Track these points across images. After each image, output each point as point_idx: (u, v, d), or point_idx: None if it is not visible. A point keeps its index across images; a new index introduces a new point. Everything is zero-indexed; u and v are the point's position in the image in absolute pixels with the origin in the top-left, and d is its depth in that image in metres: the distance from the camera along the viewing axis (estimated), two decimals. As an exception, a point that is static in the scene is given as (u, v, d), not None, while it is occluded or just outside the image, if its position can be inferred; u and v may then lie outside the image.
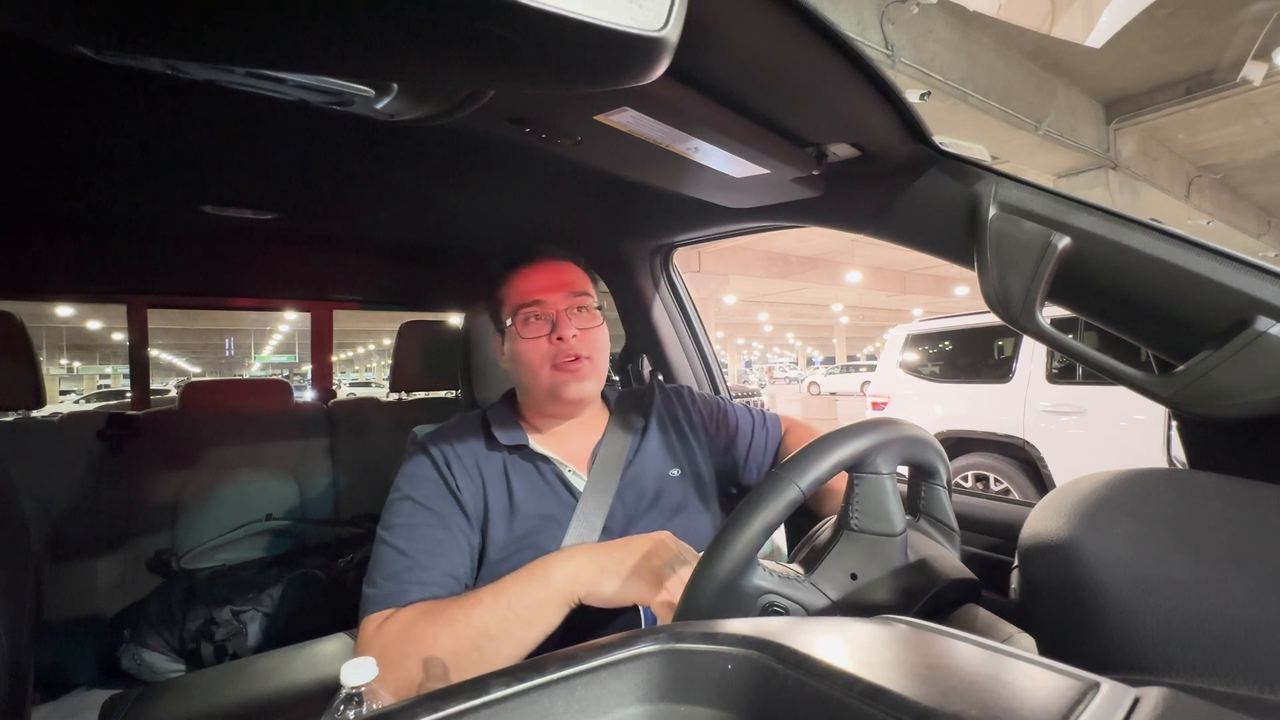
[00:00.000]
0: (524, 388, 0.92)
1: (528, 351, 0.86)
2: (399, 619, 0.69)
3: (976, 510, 0.99)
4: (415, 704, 0.30)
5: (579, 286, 0.90)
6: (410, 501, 0.80)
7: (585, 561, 0.69)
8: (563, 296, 0.87)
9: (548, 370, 0.86)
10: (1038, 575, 0.48)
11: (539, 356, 0.86)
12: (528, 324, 0.87)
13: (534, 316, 0.87)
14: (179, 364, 33.55)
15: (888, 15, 4.78)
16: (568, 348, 0.85)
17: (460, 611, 0.67)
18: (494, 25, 0.31)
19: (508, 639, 0.65)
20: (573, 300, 0.88)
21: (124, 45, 0.37)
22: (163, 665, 1.27)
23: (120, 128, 0.79)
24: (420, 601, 0.71)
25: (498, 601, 0.67)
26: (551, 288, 0.88)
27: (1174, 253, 0.62)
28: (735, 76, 0.61)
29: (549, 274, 0.89)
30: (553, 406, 0.90)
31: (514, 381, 0.95)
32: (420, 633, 0.66)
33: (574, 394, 0.86)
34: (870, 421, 0.61)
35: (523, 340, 0.87)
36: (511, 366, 0.92)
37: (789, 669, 0.33)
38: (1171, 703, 0.28)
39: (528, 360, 0.87)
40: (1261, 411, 0.58)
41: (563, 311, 0.86)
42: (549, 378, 0.86)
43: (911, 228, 0.84)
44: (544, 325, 0.86)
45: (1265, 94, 6.36)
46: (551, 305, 0.87)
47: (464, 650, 0.65)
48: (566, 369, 0.85)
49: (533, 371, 0.87)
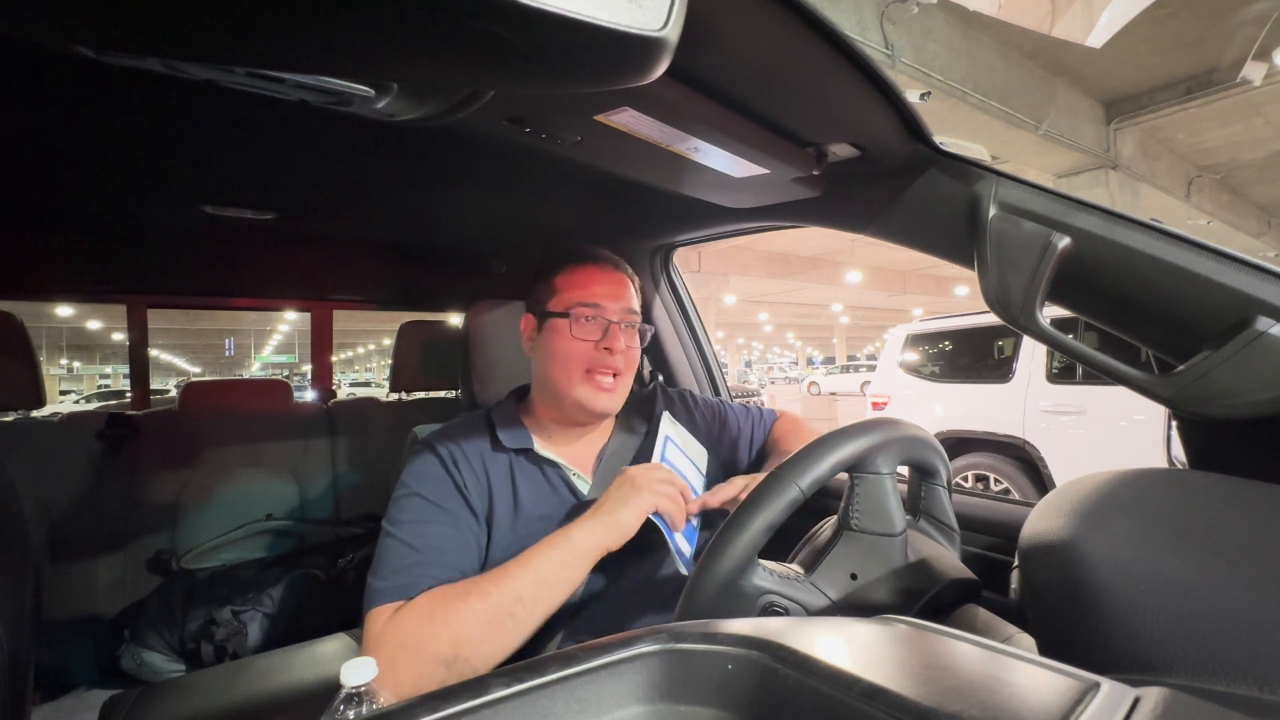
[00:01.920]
0: (547, 383, 0.90)
1: (570, 349, 0.86)
2: (418, 605, 0.70)
3: (976, 510, 0.99)
4: (415, 704, 0.30)
5: (634, 304, 0.91)
6: (419, 498, 0.80)
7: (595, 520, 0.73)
8: (620, 309, 0.88)
9: (581, 374, 0.86)
10: (1038, 575, 0.48)
11: (579, 358, 0.85)
12: (581, 324, 0.86)
13: (588, 318, 0.86)
14: (179, 364, 33.56)
15: (888, 15, 4.78)
16: (611, 360, 0.85)
17: (490, 584, 0.69)
18: (494, 25, 0.31)
19: (540, 603, 0.69)
20: (626, 316, 0.89)
21: (124, 45, 0.37)
22: (163, 665, 1.27)
23: (120, 128, 0.79)
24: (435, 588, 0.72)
25: (526, 571, 0.70)
26: (613, 296, 0.88)
27: (1174, 253, 0.62)
28: (735, 76, 0.61)
29: (613, 283, 0.90)
30: (573, 413, 0.89)
31: (537, 374, 0.92)
32: (449, 611, 0.67)
33: (601, 407, 0.87)
34: (870, 421, 0.61)
35: (571, 338, 0.86)
36: (541, 357, 0.89)
37: (789, 669, 0.33)
38: (1171, 703, 0.28)
39: (566, 356, 0.86)
40: (1261, 411, 0.58)
41: (617, 324, 0.87)
42: (581, 383, 0.86)
43: (911, 228, 0.84)
44: (596, 330, 0.86)
45: (1265, 94, 6.36)
46: (609, 313, 0.87)
47: (499, 618, 0.67)
48: (601, 384, 0.86)
49: (567, 370, 0.86)
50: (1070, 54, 5.79)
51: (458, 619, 0.66)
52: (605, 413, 0.88)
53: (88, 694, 1.23)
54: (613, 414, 0.91)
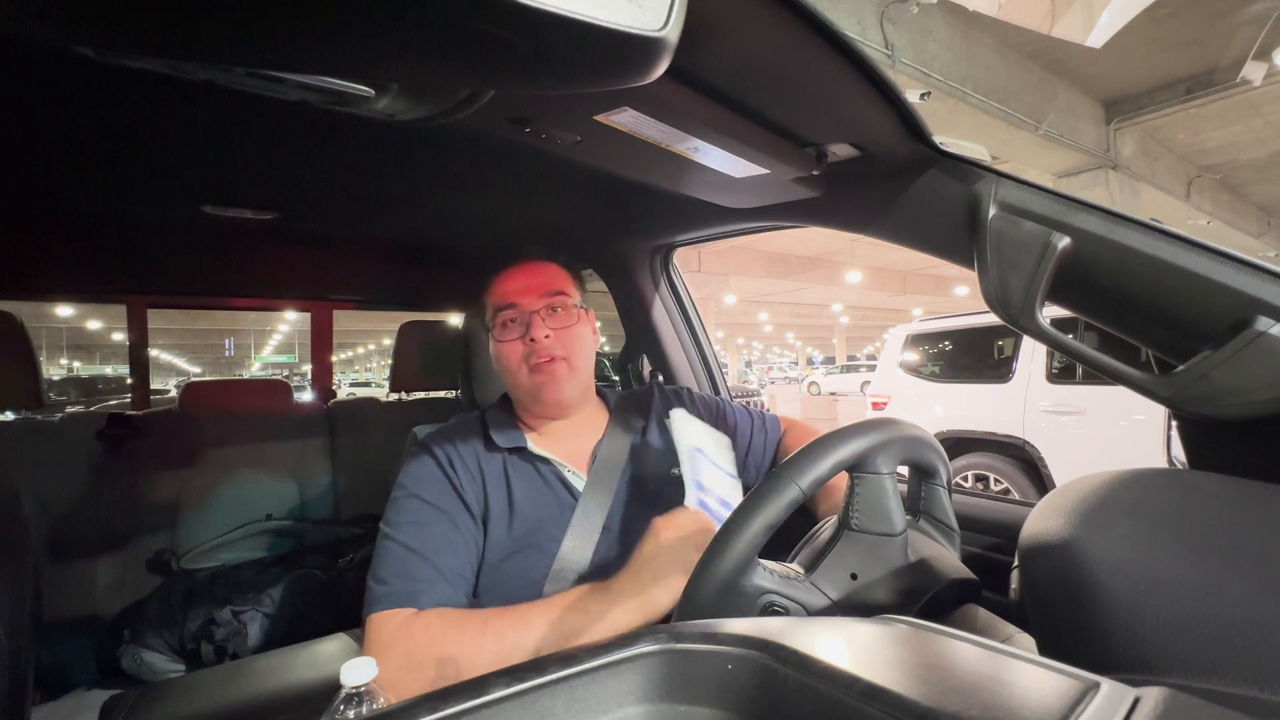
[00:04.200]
0: (509, 390, 0.94)
1: (505, 354, 0.88)
2: (431, 626, 0.69)
3: (976, 510, 0.99)
4: (415, 704, 0.30)
5: (554, 286, 0.90)
6: (417, 500, 0.81)
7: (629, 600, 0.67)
8: (536, 298, 0.88)
9: (526, 372, 0.87)
10: (1038, 575, 0.48)
11: (515, 359, 0.87)
12: (504, 327, 0.88)
13: (509, 319, 0.88)
14: (179, 364, 33.54)
15: (888, 15, 4.77)
16: (540, 348, 0.86)
17: (508, 626, 0.67)
18: (494, 25, 0.31)
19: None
20: (547, 300, 0.88)
21: (124, 45, 0.37)
22: (163, 665, 1.27)
23: (120, 128, 0.79)
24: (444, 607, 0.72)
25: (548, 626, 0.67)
26: (525, 290, 0.89)
27: (1174, 253, 0.62)
28: (735, 76, 0.61)
29: (524, 276, 0.91)
30: (537, 408, 0.91)
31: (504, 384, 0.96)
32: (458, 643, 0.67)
33: (552, 396, 0.87)
34: (870, 421, 0.61)
35: (499, 343, 0.89)
36: (497, 369, 0.93)
37: (789, 669, 0.33)
38: (1171, 703, 0.28)
39: (506, 362, 0.89)
40: (1261, 411, 0.58)
41: (536, 313, 0.87)
42: (528, 380, 0.87)
43: (911, 228, 0.84)
44: (519, 327, 0.88)
45: (1265, 94, 6.35)
46: (525, 306, 0.88)
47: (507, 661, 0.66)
48: (542, 370, 0.86)
49: (512, 374, 0.89)
50: (1070, 54, 5.79)
51: (468, 653, 0.66)
52: (560, 399, 0.88)
53: (88, 694, 1.23)
54: (574, 398, 0.91)
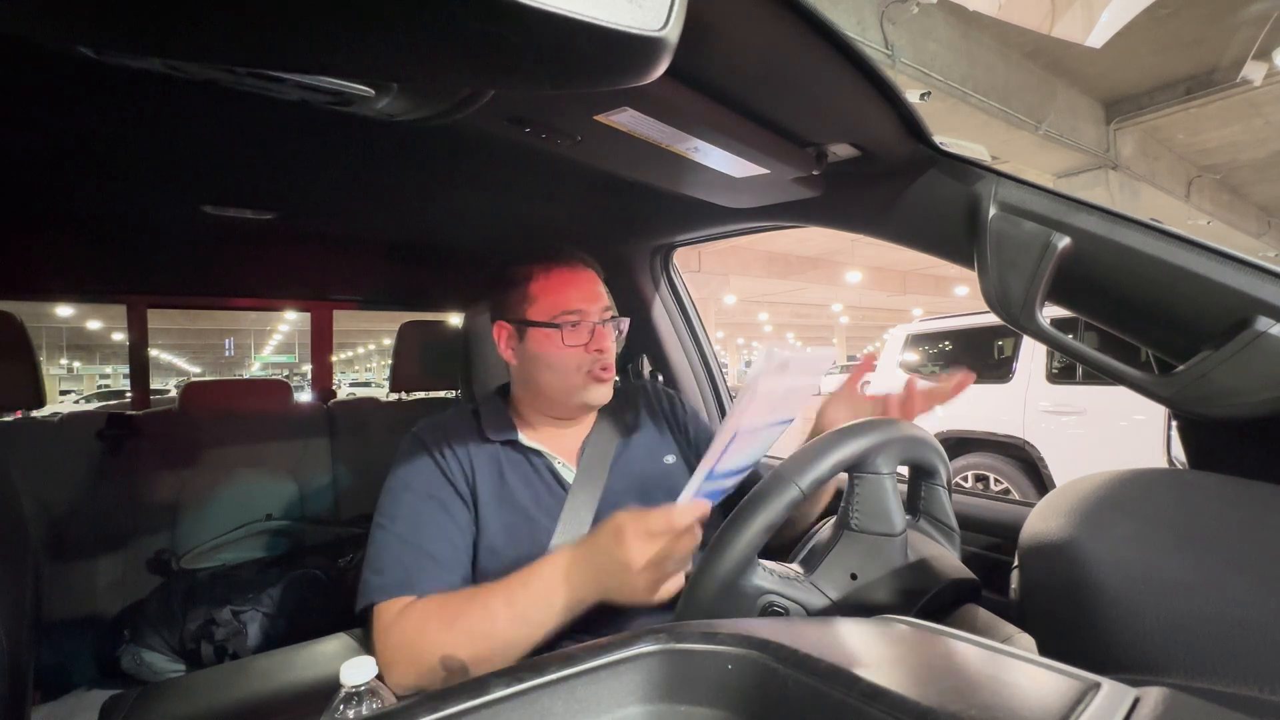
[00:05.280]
0: (540, 388, 0.91)
1: (565, 358, 0.87)
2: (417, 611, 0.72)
3: (976, 510, 0.99)
4: (415, 704, 0.30)
5: (609, 302, 0.94)
6: (410, 491, 0.83)
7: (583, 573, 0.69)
8: (599, 309, 0.90)
9: (582, 377, 0.88)
10: (1038, 575, 0.48)
11: (575, 364, 0.88)
12: (570, 330, 0.87)
13: (574, 324, 0.87)
14: (179, 364, 33.55)
15: (888, 15, 4.77)
16: (605, 359, 0.88)
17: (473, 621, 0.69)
18: (494, 25, 0.31)
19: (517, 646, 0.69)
20: (605, 314, 0.91)
21: (124, 45, 0.38)
22: (163, 665, 1.27)
23: (120, 128, 0.79)
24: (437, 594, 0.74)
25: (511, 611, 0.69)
26: (592, 299, 0.90)
27: (1174, 253, 0.62)
28: (735, 76, 0.61)
29: (588, 284, 0.91)
30: (573, 411, 0.93)
31: (523, 379, 0.93)
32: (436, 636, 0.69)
33: (602, 399, 0.91)
34: (870, 421, 0.61)
35: (564, 347, 0.87)
36: (529, 365, 0.90)
37: (789, 669, 0.33)
38: (1171, 703, 0.28)
39: (562, 365, 0.88)
40: (1261, 411, 0.58)
41: (600, 325, 0.89)
42: (583, 384, 0.89)
43: (911, 228, 0.84)
44: (584, 334, 0.88)
45: (1265, 94, 6.35)
46: (592, 316, 0.89)
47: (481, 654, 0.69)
48: (601, 380, 0.89)
49: (564, 376, 0.88)
50: (1070, 54, 5.79)
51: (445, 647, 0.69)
52: (603, 404, 0.92)
53: (88, 694, 1.23)
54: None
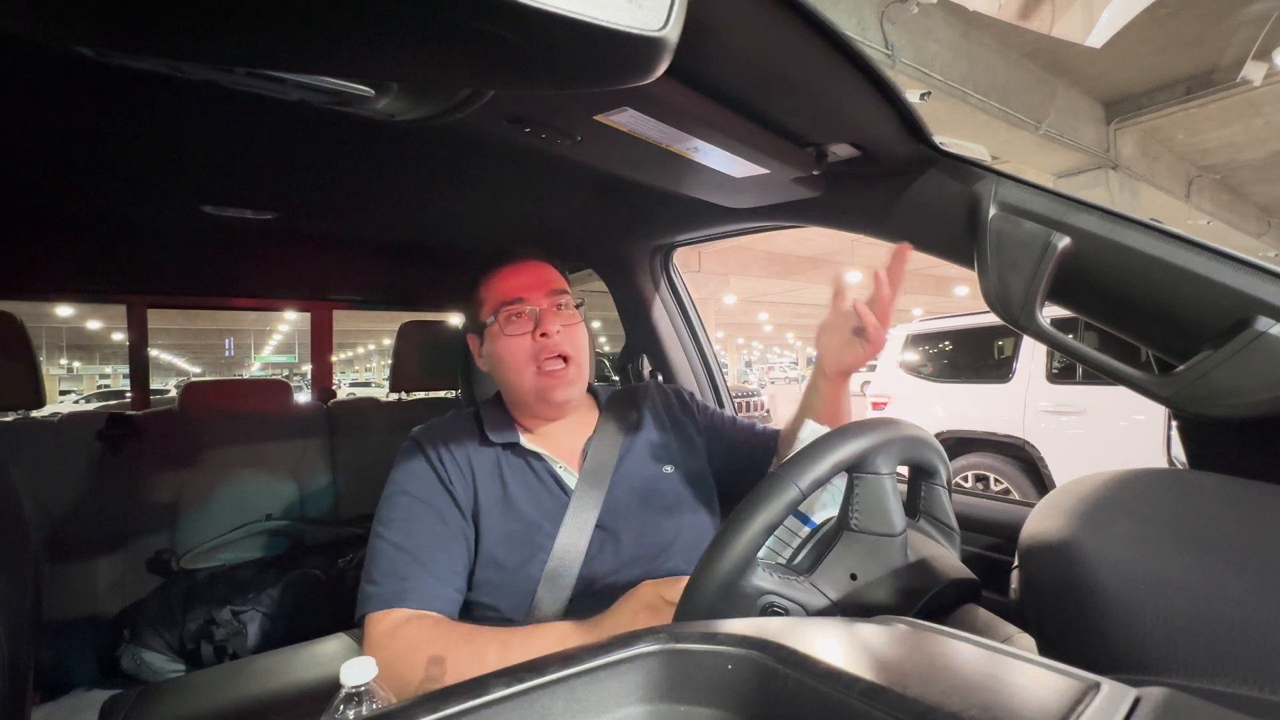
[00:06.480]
0: (508, 388, 0.92)
1: (511, 349, 0.87)
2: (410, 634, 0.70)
3: (976, 510, 0.99)
4: (415, 704, 0.30)
5: (559, 285, 0.92)
6: (407, 497, 0.82)
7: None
8: (544, 294, 0.89)
9: (532, 371, 0.87)
10: (1038, 575, 0.48)
11: (523, 354, 0.87)
12: (510, 321, 0.87)
13: (516, 314, 0.87)
14: (179, 364, 33.52)
15: (888, 15, 4.77)
16: (551, 344, 0.86)
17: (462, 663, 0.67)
18: (494, 25, 0.31)
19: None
20: (553, 298, 0.89)
21: (124, 45, 0.38)
22: (163, 665, 1.27)
23: (120, 128, 0.79)
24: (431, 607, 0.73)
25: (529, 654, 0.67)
26: (533, 286, 0.89)
27: (1174, 253, 0.62)
28: (735, 76, 0.61)
29: (529, 273, 0.91)
30: (539, 409, 0.91)
31: (498, 383, 0.95)
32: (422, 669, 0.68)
33: (561, 397, 0.88)
34: (870, 421, 0.61)
35: (506, 338, 0.87)
36: (494, 366, 0.92)
37: (789, 669, 0.33)
38: (1172, 703, 0.28)
39: (512, 358, 0.87)
40: (1261, 411, 0.58)
41: (545, 309, 0.88)
42: (534, 380, 0.87)
43: (911, 228, 0.84)
44: (527, 322, 0.87)
45: (1265, 94, 6.35)
46: (534, 302, 0.88)
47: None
48: (553, 374, 0.86)
49: (517, 370, 0.87)
50: (1070, 54, 5.78)
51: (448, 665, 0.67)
52: (568, 400, 0.89)
53: (88, 694, 1.23)
54: (577, 399, 0.92)
